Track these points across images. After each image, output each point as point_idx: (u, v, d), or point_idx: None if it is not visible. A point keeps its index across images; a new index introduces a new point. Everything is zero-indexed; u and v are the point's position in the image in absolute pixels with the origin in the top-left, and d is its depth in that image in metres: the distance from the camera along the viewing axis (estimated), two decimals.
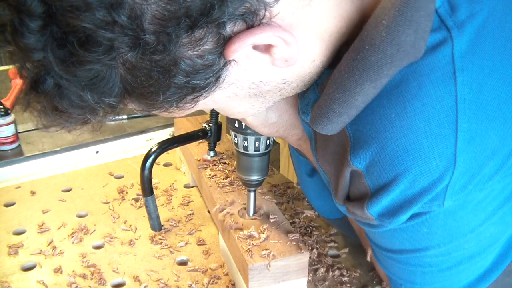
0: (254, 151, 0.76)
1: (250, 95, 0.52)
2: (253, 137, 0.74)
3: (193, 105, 0.49)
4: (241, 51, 0.44)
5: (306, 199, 1.05)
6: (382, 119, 0.49)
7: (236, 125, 0.74)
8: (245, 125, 0.73)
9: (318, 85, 0.54)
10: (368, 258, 0.77)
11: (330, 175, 0.59)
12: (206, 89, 0.47)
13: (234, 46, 0.43)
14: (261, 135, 0.73)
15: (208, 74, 0.45)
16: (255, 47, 0.46)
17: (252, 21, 0.43)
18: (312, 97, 0.55)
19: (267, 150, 0.77)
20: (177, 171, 1.20)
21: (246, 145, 0.75)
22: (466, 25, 0.46)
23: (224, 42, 0.43)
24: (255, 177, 0.78)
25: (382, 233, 0.59)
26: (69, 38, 0.39)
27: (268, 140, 0.76)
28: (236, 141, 0.76)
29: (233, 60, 0.46)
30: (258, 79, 0.49)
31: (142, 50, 0.41)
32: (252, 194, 0.81)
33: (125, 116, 1.37)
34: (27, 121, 1.35)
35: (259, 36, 0.43)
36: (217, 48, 0.43)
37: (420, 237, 0.56)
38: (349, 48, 0.48)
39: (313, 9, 0.46)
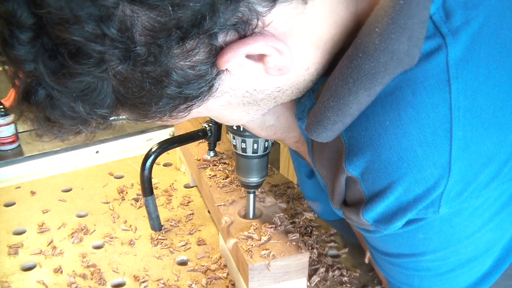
0: (253, 153, 0.76)
1: (244, 103, 0.51)
2: (251, 139, 0.74)
3: (186, 114, 0.49)
4: (234, 61, 0.43)
5: (305, 200, 1.05)
6: (377, 126, 0.49)
7: (234, 127, 0.74)
8: (243, 128, 0.73)
9: (314, 92, 0.53)
10: (366, 260, 0.77)
11: (326, 179, 0.59)
12: (199, 98, 0.46)
13: (226, 56, 0.43)
14: (260, 138, 0.74)
15: (201, 84, 0.45)
16: (248, 56, 0.45)
17: (244, 30, 0.42)
18: (308, 103, 0.55)
19: (265, 152, 0.77)
20: (177, 171, 1.20)
21: (245, 147, 0.75)
22: (461, 32, 0.46)
23: (216, 52, 0.43)
24: (254, 179, 0.78)
25: (379, 237, 0.59)
26: (60, 50, 0.39)
27: (266, 142, 0.76)
28: (234, 143, 0.76)
29: (226, 69, 0.45)
30: (252, 88, 0.49)
31: (133, 62, 0.40)
32: (251, 195, 0.81)
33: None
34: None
35: (252, 46, 0.43)
36: (209, 58, 0.43)
37: (416, 243, 0.56)
38: (343, 56, 0.48)
39: (307, 17, 0.45)
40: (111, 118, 0.48)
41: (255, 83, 0.48)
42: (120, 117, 0.49)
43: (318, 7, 0.46)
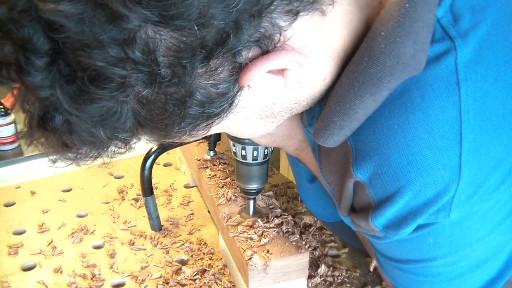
0: (253, 160, 0.76)
1: (262, 117, 0.51)
2: (251, 147, 0.74)
3: (206, 132, 0.49)
4: (257, 77, 0.43)
5: None
6: (384, 130, 0.48)
7: None
8: None
9: (323, 98, 0.53)
10: (371, 268, 0.77)
11: (334, 185, 0.58)
12: (220, 116, 0.46)
13: (250, 73, 0.42)
14: (259, 145, 0.74)
15: (223, 102, 0.44)
16: (269, 71, 0.44)
17: (267, 46, 0.42)
18: (317, 110, 0.54)
19: (265, 159, 0.77)
20: (177, 171, 1.20)
21: (245, 154, 0.75)
22: (470, 35, 0.46)
23: (240, 69, 0.42)
24: (254, 186, 0.79)
25: (388, 243, 0.58)
26: (78, 75, 0.37)
27: (266, 149, 0.76)
28: (234, 150, 0.76)
29: (247, 85, 0.45)
30: (271, 102, 0.48)
31: (158, 84, 0.39)
32: (251, 202, 0.81)
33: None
34: None
35: (275, 62, 0.42)
36: (232, 76, 0.42)
37: (427, 248, 0.56)
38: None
39: (324, 29, 0.45)
40: (132, 142, 0.47)
41: (274, 97, 0.48)
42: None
43: (335, 18, 0.46)
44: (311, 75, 0.46)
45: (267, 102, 0.48)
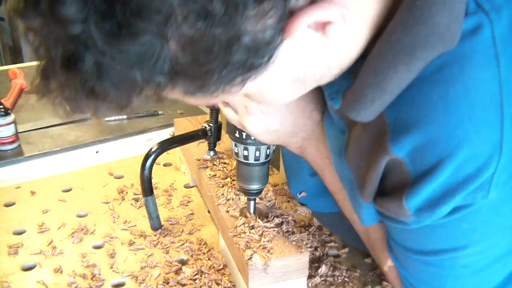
0: (255, 160, 0.76)
1: (293, 80, 0.50)
2: (254, 147, 0.75)
3: (239, 89, 0.45)
4: (304, 27, 0.41)
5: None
6: (423, 103, 0.48)
7: (237, 135, 0.75)
8: (246, 135, 0.74)
9: (351, 72, 0.52)
10: (386, 268, 0.74)
11: (358, 171, 0.57)
12: (258, 69, 0.43)
13: (299, 21, 0.40)
14: (262, 145, 0.74)
15: (265, 52, 0.42)
16: (311, 24, 0.43)
17: None
18: (344, 83, 0.53)
19: (267, 160, 0.77)
20: (177, 171, 1.20)
21: (247, 154, 0.76)
22: (504, 9, 0.45)
23: (288, 17, 0.40)
24: (255, 186, 0.79)
25: (417, 230, 0.57)
26: (116, 7, 0.34)
27: (268, 150, 0.76)
28: (236, 151, 0.77)
29: (290, 38, 0.42)
30: (306, 61, 0.47)
31: (208, 20, 0.36)
32: (252, 202, 0.81)
33: (125, 116, 1.38)
34: (27, 121, 1.35)
35: (325, 11, 0.41)
36: (280, 22, 0.40)
37: (459, 234, 0.55)
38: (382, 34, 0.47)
39: None
40: (164, 91, 0.43)
41: (310, 57, 0.47)
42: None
43: None
44: (350, 33, 0.46)
45: (303, 61, 0.47)
